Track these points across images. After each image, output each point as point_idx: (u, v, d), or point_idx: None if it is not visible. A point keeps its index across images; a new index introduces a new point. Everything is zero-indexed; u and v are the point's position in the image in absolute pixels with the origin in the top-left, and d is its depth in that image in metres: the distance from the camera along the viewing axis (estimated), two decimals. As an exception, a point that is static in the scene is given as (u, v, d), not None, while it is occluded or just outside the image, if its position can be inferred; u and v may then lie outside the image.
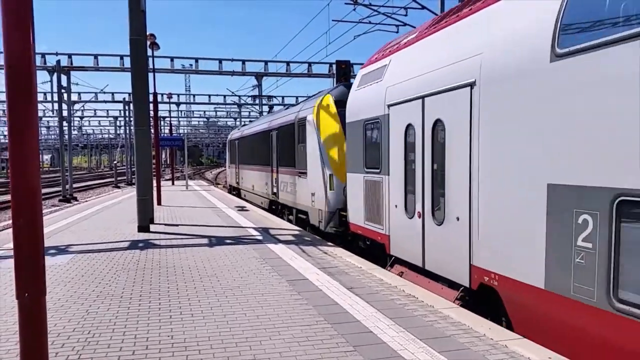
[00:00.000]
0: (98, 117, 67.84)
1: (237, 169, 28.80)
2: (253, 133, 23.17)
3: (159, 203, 19.48)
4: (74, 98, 39.17)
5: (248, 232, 12.23)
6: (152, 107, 19.60)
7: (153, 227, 13.00)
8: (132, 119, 20.01)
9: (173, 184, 35.32)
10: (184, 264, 8.47)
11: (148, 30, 14.44)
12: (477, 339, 4.85)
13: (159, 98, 30.62)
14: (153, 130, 20.76)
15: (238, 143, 28.12)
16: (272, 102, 48.66)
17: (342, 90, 12.68)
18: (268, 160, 19.23)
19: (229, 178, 33.76)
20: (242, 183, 26.99)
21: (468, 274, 6.28)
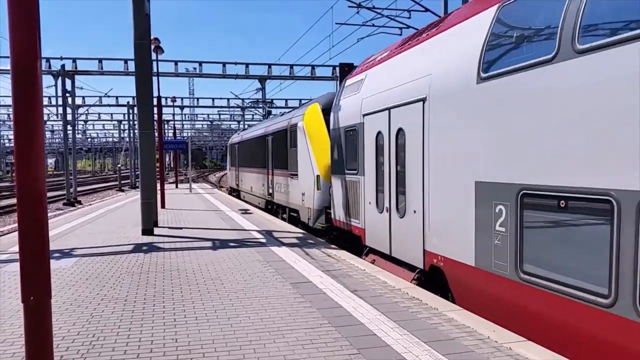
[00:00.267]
0: (102, 120, 68.27)
1: (236, 172, 30.06)
2: (251, 138, 24.60)
3: (163, 206, 19.53)
4: (79, 102, 39.37)
5: (251, 235, 12.25)
6: (156, 110, 19.64)
7: (157, 230, 13.03)
8: (136, 123, 20.13)
9: (177, 187, 35.39)
10: (188, 267, 8.49)
11: (152, 34, 14.55)
12: (481, 342, 4.85)
13: (163, 101, 30.73)
14: (157, 134, 20.85)
15: (237, 147, 29.48)
16: (274, 105, 48.82)
17: (329, 99, 13.77)
18: (264, 163, 20.44)
19: (230, 180, 35.07)
20: (241, 185, 28.19)
21: (422, 258, 7.46)
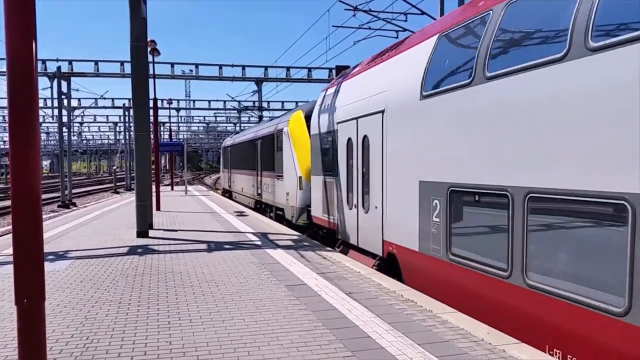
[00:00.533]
0: (98, 122, 67.86)
1: (229, 174, 31.52)
2: (242, 141, 26.15)
3: (158, 208, 19.49)
4: (74, 104, 39.19)
5: (247, 237, 12.24)
6: (152, 112, 19.64)
7: (152, 232, 13.00)
8: (131, 125, 20.10)
9: (172, 190, 35.33)
10: (183, 270, 8.48)
11: (150, 36, 14.54)
12: (475, 344, 4.87)
13: (159, 103, 30.64)
14: (153, 136, 20.83)
15: (230, 150, 30.90)
16: (270, 108, 48.80)
17: (311, 107, 14.48)
18: (254, 165, 21.88)
19: (223, 182, 36.58)
20: (233, 186, 29.61)
21: (381, 247, 8.70)
